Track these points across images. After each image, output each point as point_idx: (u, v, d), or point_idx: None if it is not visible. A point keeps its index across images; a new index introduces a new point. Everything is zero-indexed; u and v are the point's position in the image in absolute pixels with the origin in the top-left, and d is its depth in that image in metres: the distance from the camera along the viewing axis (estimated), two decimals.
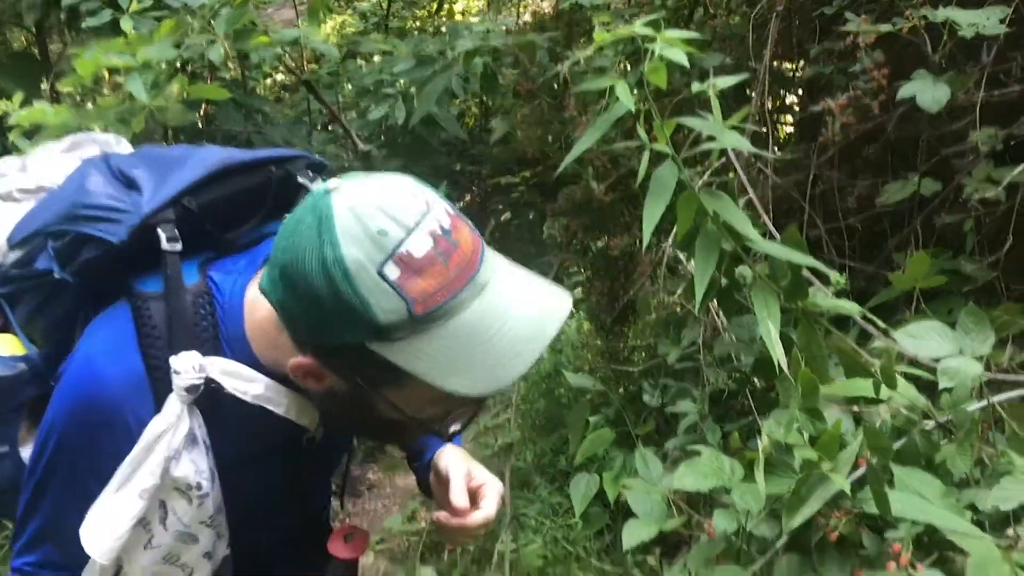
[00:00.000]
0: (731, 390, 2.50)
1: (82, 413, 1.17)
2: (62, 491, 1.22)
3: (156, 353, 1.16)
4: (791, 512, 1.64)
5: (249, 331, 1.19)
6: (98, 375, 1.16)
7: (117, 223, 1.19)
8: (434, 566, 2.85)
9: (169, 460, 1.15)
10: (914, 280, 2.03)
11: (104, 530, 1.15)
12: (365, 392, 1.09)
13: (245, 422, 1.21)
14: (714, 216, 1.82)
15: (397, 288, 0.99)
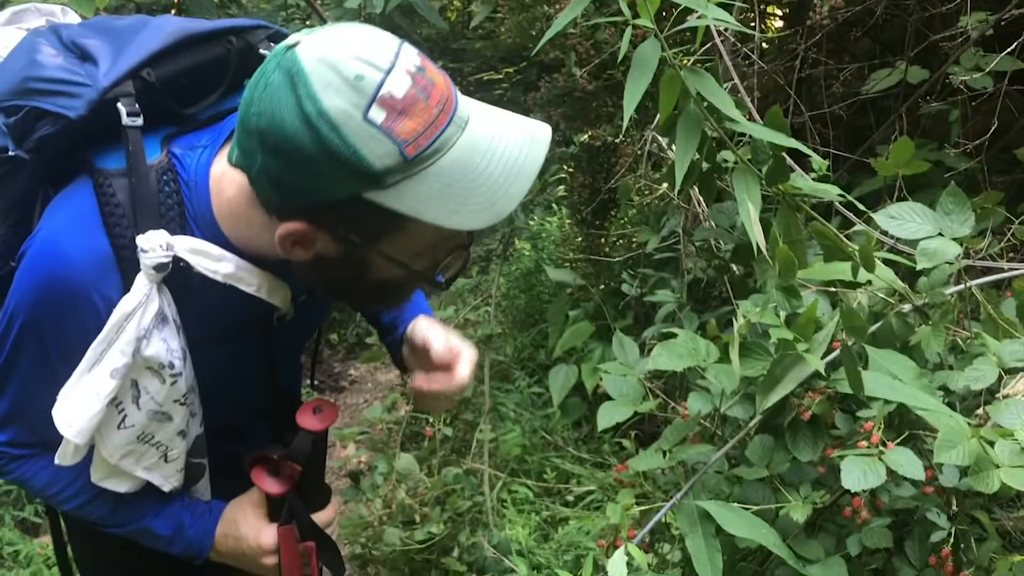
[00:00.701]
0: (710, 279, 2.50)
1: (48, 293, 1.15)
2: (29, 372, 1.21)
3: (121, 232, 1.14)
4: (765, 392, 1.65)
5: (217, 209, 1.17)
6: (62, 255, 1.14)
7: (74, 97, 1.14)
8: (414, 454, 2.89)
9: (140, 339, 1.14)
10: (897, 166, 2.00)
11: (77, 410, 1.15)
12: (359, 250, 1.09)
13: (215, 301, 1.21)
14: (697, 97, 1.78)
15: (386, 132, 0.97)
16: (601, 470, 2.94)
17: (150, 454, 1.25)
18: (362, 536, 2.75)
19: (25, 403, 1.24)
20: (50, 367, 1.20)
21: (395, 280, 1.17)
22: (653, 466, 1.75)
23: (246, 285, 1.20)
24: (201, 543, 1.35)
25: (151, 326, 1.14)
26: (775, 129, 1.81)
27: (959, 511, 1.65)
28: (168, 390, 1.20)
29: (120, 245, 1.14)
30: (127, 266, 1.14)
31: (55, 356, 1.20)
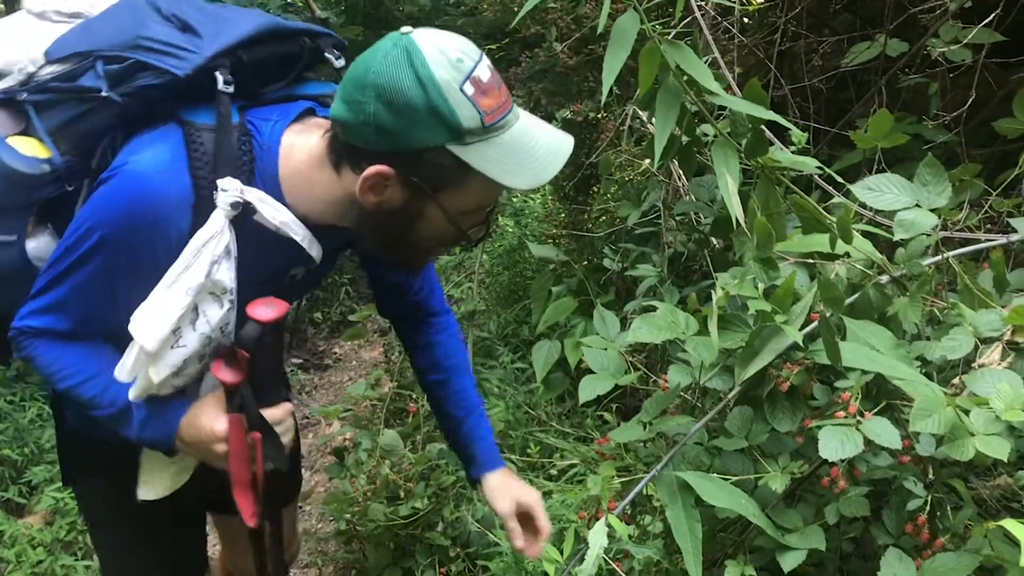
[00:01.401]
0: (691, 252, 2.51)
1: (132, 217, 1.35)
2: (91, 279, 1.40)
3: (204, 176, 1.36)
4: (744, 364, 1.66)
5: (283, 174, 1.42)
6: (153, 186, 1.35)
7: (182, 60, 1.39)
8: (398, 430, 2.89)
9: (213, 264, 1.36)
10: (875, 139, 2.00)
11: (155, 320, 1.35)
12: (421, 199, 1.35)
13: (259, 249, 1.43)
14: (676, 70, 1.78)
15: (474, 102, 1.27)
16: (584, 444, 2.95)
17: (176, 377, 1.44)
18: (347, 512, 2.76)
19: (77, 301, 1.43)
20: (111, 280, 1.40)
21: (434, 236, 1.42)
22: (633, 438, 1.76)
23: (294, 234, 1.43)
24: (168, 428, 1.48)
25: (222, 255, 1.37)
26: (754, 102, 1.82)
27: (935, 480, 1.67)
28: (223, 315, 1.42)
29: (200, 187, 1.36)
30: (202, 206, 1.36)
31: (121, 272, 1.39)
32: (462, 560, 2.56)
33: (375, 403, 3.17)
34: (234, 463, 1.45)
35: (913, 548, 1.62)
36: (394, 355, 3.45)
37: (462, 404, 1.86)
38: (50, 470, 3.77)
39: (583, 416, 3.18)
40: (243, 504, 1.49)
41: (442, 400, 1.88)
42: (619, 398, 2.93)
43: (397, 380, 3.24)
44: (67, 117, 1.45)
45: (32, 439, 3.94)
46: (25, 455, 3.87)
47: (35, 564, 3.30)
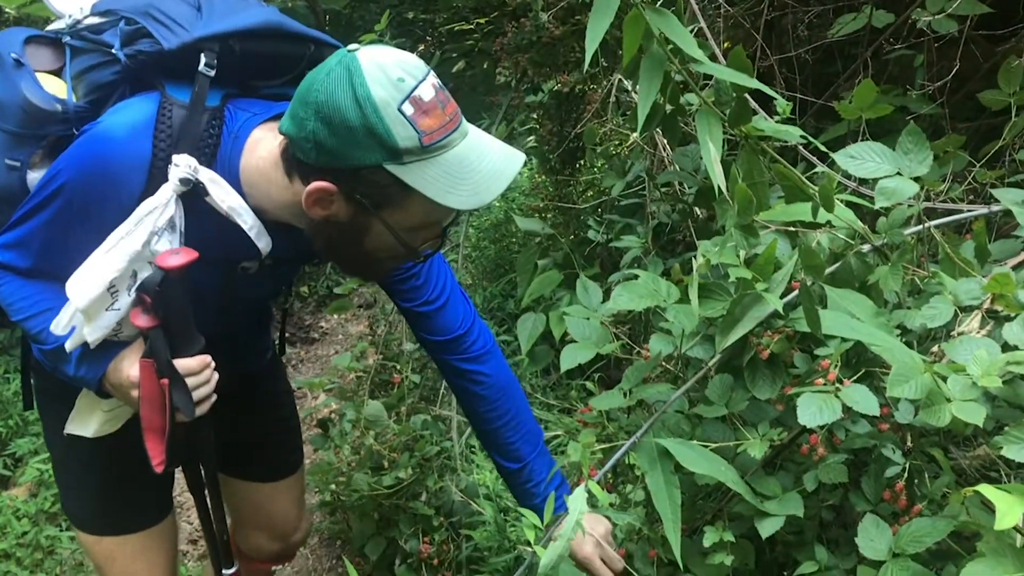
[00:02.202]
0: (675, 223, 2.50)
1: (91, 168, 1.44)
2: (51, 222, 1.49)
3: (163, 147, 1.43)
4: (724, 332, 1.66)
5: (244, 162, 1.47)
6: (113, 149, 1.43)
7: (174, 34, 1.47)
8: (382, 401, 2.89)
9: (153, 235, 1.41)
10: (860, 110, 2.00)
11: (89, 280, 1.41)
12: (365, 216, 1.39)
13: (207, 232, 1.48)
14: (660, 38, 1.76)
15: (412, 122, 1.30)
16: (568, 416, 2.96)
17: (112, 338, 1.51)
18: (332, 483, 2.77)
19: (33, 240, 1.51)
20: (64, 228, 1.48)
21: (384, 250, 1.46)
22: (614, 405, 1.76)
23: (242, 222, 1.47)
24: (99, 369, 1.54)
25: (164, 227, 1.42)
26: (739, 70, 1.81)
27: (914, 448, 1.68)
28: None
29: (158, 156, 1.43)
30: (156, 175, 1.43)
31: (73, 222, 1.47)
32: (445, 529, 2.57)
33: (360, 375, 3.17)
34: (144, 406, 1.49)
35: (891, 515, 1.64)
36: (379, 328, 3.45)
37: (515, 455, 1.85)
38: (34, 442, 3.77)
39: (567, 388, 3.19)
40: (152, 449, 1.52)
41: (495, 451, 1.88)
42: (603, 369, 2.93)
43: (382, 352, 3.24)
44: (87, 64, 1.56)
45: (16, 411, 3.93)
46: (9, 427, 3.86)
47: (20, 535, 3.31)
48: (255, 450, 2.11)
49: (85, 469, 1.87)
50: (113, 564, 1.92)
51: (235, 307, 1.72)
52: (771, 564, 1.83)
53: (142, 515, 1.93)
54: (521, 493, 1.87)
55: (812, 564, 1.67)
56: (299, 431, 2.30)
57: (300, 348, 4.95)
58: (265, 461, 2.17)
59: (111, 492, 1.88)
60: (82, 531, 1.93)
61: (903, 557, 1.50)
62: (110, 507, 1.90)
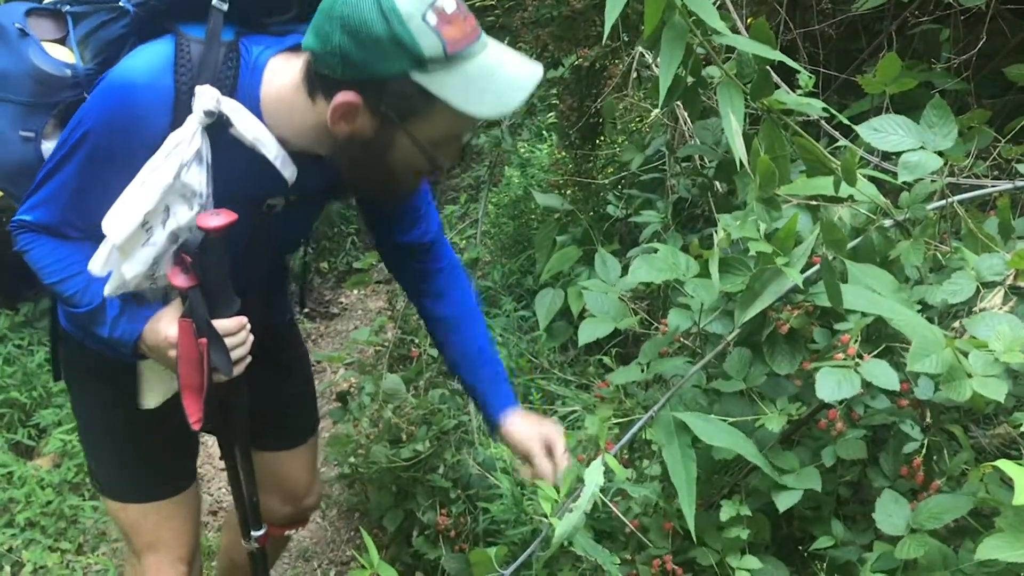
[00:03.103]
0: (695, 198, 2.49)
1: (113, 109, 1.47)
2: (78, 172, 1.51)
3: (186, 80, 1.46)
4: (744, 306, 1.65)
5: (264, 94, 1.50)
6: (136, 88, 1.46)
7: None
8: (400, 375, 2.90)
9: (182, 167, 1.43)
10: (883, 84, 1.98)
11: (124, 214, 1.43)
12: (390, 127, 1.42)
13: (234, 166, 1.51)
14: (682, 8, 1.75)
15: (436, 31, 1.33)
16: (585, 391, 2.96)
17: (147, 277, 1.53)
18: (350, 456, 2.78)
19: (63, 192, 1.54)
20: (93, 175, 1.50)
21: (406, 164, 1.48)
22: (631, 379, 1.76)
23: (267, 151, 1.49)
24: (134, 328, 1.57)
25: (192, 159, 1.44)
26: (761, 42, 1.79)
27: (933, 424, 1.67)
28: (191, 216, 1.48)
29: (181, 90, 1.45)
30: (180, 109, 1.45)
31: (101, 166, 1.49)
32: (463, 502, 2.58)
33: (379, 349, 3.18)
34: (182, 365, 1.52)
35: (909, 491, 1.63)
36: (398, 303, 3.45)
37: (471, 351, 1.89)
38: (58, 413, 3.81)
39: (586, 364, 3.18)
40: (189, 407, 1.55)
41: (451, 349, 1.92)
42: (621, 344, 2.93)
43: (400, 327, 3.25)
44: (93, 25, 1.57)
45: (40, 383, 3.97)
46: (33, 398, 3.91)
47: (44, 504, 3.35)
48: (272, 417, 2.12)
49: (113, 438, 1.90)
50: (139, 530, 1.95)
51: (261, 253, 1.74)
52: (787, 539, 1.83)
53: (168, 483, 1.96)
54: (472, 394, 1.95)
55: (828, 539, 1.67)
56: (314, 398, 2.32)
57: (320, 323, 4.97)
58: (282, 428, 2.19)
59: (139, 461, 1.91)
60: (109, 498, 1.96)
61: (921, 533, 1.50)
62: (137, 475, 1.93)
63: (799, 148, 1.77)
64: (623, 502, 1.88)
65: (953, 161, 1.80)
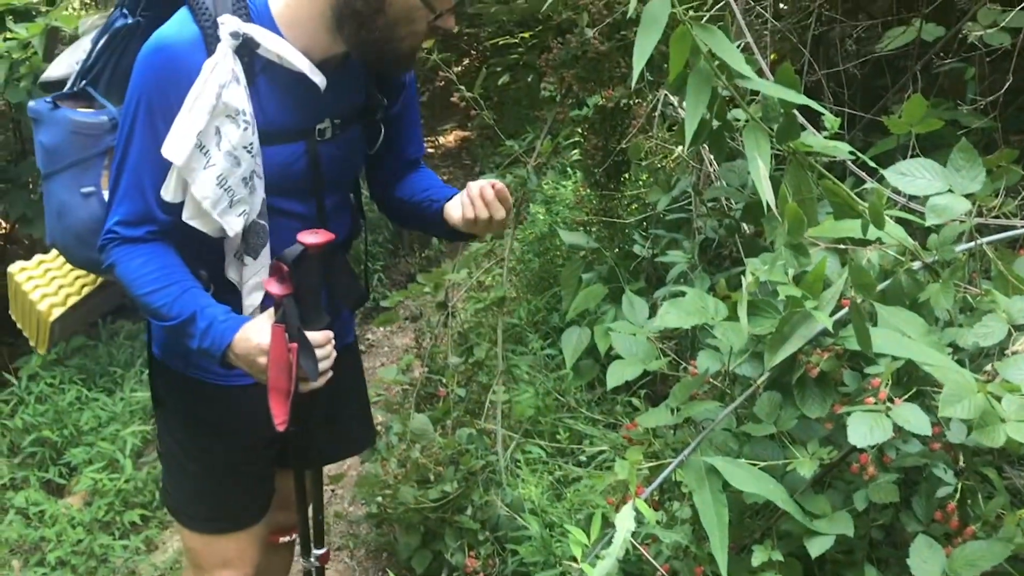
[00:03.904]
0: (721, 239, 2.49)
1: (154, 67, 1.59)
2: (142, 143, 1.60)
3: (207, 20, 1.58)
4: (773, 350, 1.65)
5: (275, 13, 1.63)
6: (165, 37, 1.59)
7: None
8: (428, 415, 2.91)
9: (222, 87, 1.55)
10: (909, 124, 1.98)
11: (180, 138, 1.54)
12: None
13: (275, 94, 1.65)
14: (707, 54, 1.76)
15: None
16: (613, 431, 2.96)
17: (223, 200, 1.62)
18: (378, 495, 2.79)
19: (139, 172, 1.62)
20: (156, 134, 1.58)
21: (409, 10, 1.61)
22: (661, 423, 1.76)
23: (295, 60, 1.61)
24: (223, 336, 1.62)
25: (230, 79, 1.56)
26: (786, 86, 1.80)
27: (967, 468, 1.65)
28: (241, 134, 1.59)
29: (207, 30, 1.58)
30: (211, 45, 1.57)
31: (159, 122, 1.58)
32: (491, 544, 2.58)
33: (406, 388, 3.19)
34: (272, 368, 1.58)
35: (943, 536, 1.61)
36: (425, 341, 3.47)
37: (423, 188, 2.00)
38: (88, 451, 3.85)
39: (613, 403, 3.18)
40: (276, 409, 1.61)
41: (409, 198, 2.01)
42: (649, 385, 2.93)
43: (428, 365, 3.26)
44: (110, 70, 1.72)
45: (71, 421, 4.02)
46: (64, 437, 3.95)
47: (75, 543, 3.38)
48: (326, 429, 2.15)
49: (193, 470, 1.97)
50: (203, 553, 2.02)
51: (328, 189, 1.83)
52: None
53: (240, 519, 2.01)
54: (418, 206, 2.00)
55: None
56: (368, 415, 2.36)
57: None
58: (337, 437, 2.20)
59: (215, 496, 1.98)
60: (178, 522, 2.03)
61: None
62: (211, 509, 1.99)
63: (826, 190, 1.77)
64: (653, 546, 1.87)
65: (981, 201, 1.79)
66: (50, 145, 1.74)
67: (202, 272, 1.75)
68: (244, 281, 1.75)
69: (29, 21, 2.97)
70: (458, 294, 3.43)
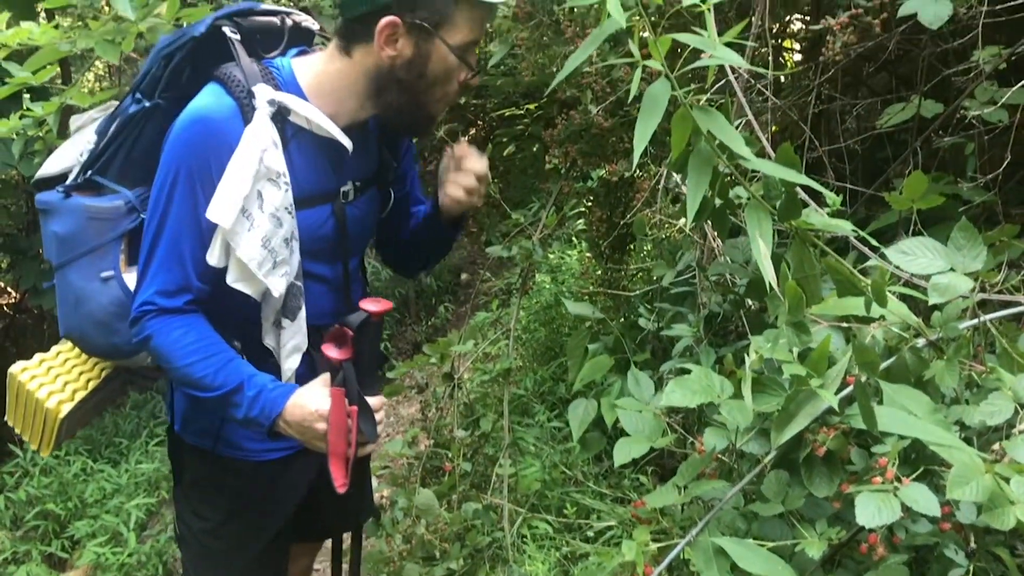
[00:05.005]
0: (726, 313, 2.50)
1: (193, 137, 1.63)
2: (179, 213, 1.63)
3: (241, 91, 1.64)
4: (779, 428, 1.65)
5: (302, 81, 1.71)
6: (203, 108, 1.63)
7: (196, 28, 1.71)
8: (433, 489, 2.89)
9: (263, 151, 1.60)
10: (910, 201, 2.00)
11: (226, 201, 1.58)
12: (426, 39, 1.65)
13: (305, 160, 1.71)
14: (708, 135, 1.80)
15: None
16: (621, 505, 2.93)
17: (268, 261, 1.65)
18: (383, 572, 2.75)
19: (178, 243, 1.65)
20: (196, 203, 1.63)
21: (445, 73, 1.70)
22: (668, 502, 1.75)
23: (327, 125, 1.68)
24: (274, 405, 1.64)
25: (270, 144, 1.61)
26: (787, 165, 1.82)
27: (978, 548, 1.64)
28: (283, 196, 1.64)
29: (241, 102, 1.64)
30: (247, 115, 1.63)
31: (199, 191, 1.62)
32: None
33: (411, 461, 3.17)
34: (333, 433, 1.62)
35: None
36: (431, 412, 3.46)
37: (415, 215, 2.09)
38: (92, 524, 3.82)
39: (620, 476, 3.16)
40: (336, 473, 1.65)
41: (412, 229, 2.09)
42: (658, 457, 2.91)
43: (434, 438, 3.25)
44: (123, 157, 1.76)
45: (76, 493, 4.00)
46: (68, 509, 3.93)
47: None
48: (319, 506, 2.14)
49: (219, 548, 1.96)
50: None
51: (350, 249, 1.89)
52: None
53: None
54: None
55: None
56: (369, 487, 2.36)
57: None
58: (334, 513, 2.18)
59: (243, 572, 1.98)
60: None
61: None
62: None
63: (828, 268, 1.79)
64: None
65: (984, 277, 1.81)
66: (65, 234, 1.76)
67: (235, 343, 1.76)
68: (282, 345, 1.77)
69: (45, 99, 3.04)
70: (464, 364, 3.43)
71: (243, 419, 1.66)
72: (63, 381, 1.94)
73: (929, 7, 2.17)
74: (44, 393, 1.91)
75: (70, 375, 1.96)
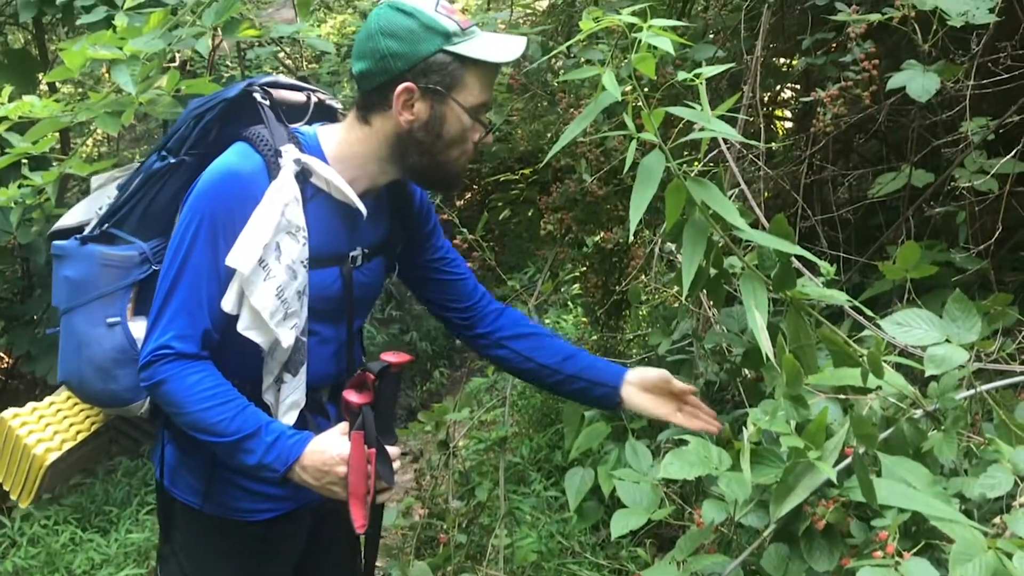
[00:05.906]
0: (722, 382, 2.49)
1: (221, 187, 1.69)
2: (202, 256, 1.68)
3: (268, 150, 1.71)
4: (778, 501, 1.63)
5: (325, 148, 1.79)
6: (234, 166, 1.70)
7: (228, 92, 1.79)
8: (428, 561, 2.85)
9: (285, 205, 1.66)
10: (904, 270, 2.02)
11: (247, 248, 1.63)
12: (441, 101, 1.73)
13: (322, 222, 1.76)
14: (702, 206, 1.81)
15: (449, 15, 1.72)
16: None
17: (280, 311, 1.68)
18: None
19: (197, 289, 1.68)
20: (217, 252, 1.67)
21: (460, 134, 1.77)
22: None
23: (345, 188, 1.74)
24: (292, 451, 1.66)
25: (292, 200, 1.68)
26: (780, 236, 1.84)
27: None
28: (300, 249, 1.70)
29: (268, 160, 1.70)
30: (273, 171, 1.69)
31: (221, 241, 1.67)
32: None
33: (406, 532, 3.13)
34: (353, 474, 1.64)
35: None
36: (425, 481, 3.42)
37: (556, 351, 2.08)
38: None
39: (618, 547, 3.12)
40: (356, 514, 1.66)
41: (545, 354, 2.08)
42: (656, 527, 2.87)
43: (428, 508, 3.21)
44: (140, 211, 1.80)
45: (63, 564, 3.93)
46: None
47: None
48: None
49: None
50: None
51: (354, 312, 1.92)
52: None
53: None
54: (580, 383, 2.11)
55: None
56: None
57: None
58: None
59: None
60: None
61: None
62: None
63: (823, 339, 1.79)
64: None
65: (979, 346, 1.81)
66: (77, 278, 1.79)
67: None
68: (281, 401, 1.78)
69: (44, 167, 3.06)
70: (460, 432, 3.41)
71: (255, 465, 1.66)
72: (53, 430, 1.93)
73: (917, 80, 2.20)
74: (33, 440, 1.89)
75: (60, 425, 1.95)
